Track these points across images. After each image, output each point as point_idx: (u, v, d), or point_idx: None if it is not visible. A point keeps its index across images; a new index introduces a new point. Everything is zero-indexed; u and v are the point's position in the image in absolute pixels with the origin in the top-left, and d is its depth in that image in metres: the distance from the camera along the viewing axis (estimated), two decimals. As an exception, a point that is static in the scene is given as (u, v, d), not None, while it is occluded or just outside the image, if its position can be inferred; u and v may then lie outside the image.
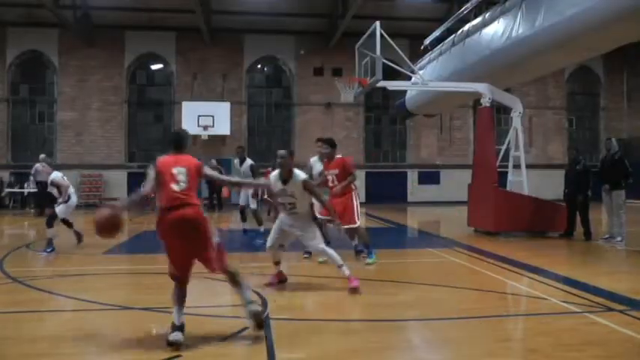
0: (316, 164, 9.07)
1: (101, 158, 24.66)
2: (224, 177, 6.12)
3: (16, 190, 23.93)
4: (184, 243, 4.52)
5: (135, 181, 23.77)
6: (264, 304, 5.63)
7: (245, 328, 4.68)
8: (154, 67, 26.01)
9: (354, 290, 6.21)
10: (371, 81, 12.51)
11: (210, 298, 6.49)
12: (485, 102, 12.63)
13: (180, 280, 4.68)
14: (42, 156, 12.76)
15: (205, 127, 23.78)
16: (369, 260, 8.28)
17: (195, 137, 23.54)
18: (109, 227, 4.41)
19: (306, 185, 6.36)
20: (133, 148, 25.73)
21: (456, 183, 22.10)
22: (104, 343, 4.67)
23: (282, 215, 6.68)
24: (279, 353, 4.18)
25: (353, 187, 8.39)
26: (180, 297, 4.64)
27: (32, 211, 20.45)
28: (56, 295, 6.43)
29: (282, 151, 6.38)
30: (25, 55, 25.29)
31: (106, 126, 25.08)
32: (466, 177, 14.13)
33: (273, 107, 26.79)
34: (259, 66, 26.74)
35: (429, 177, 26.92)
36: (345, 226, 8.06)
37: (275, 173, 6.54)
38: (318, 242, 6.60)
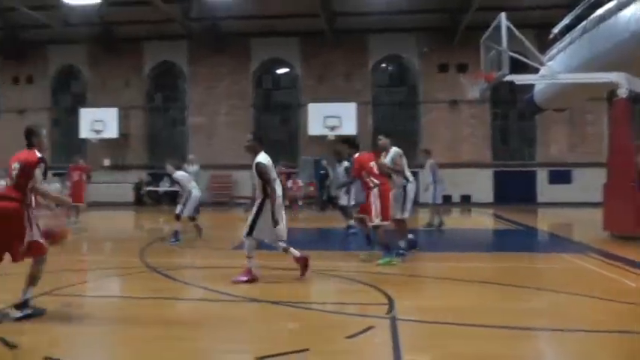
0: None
1: (230, 159, 25.86)
2: None
3: (152, 188, 26.10)
4: None
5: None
6: (391, 304, 5.57)
7: (371, 327, 4.68)
8: (280, 71, 26.86)
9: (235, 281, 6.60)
10: (497, 75, 12.06)
11: (336, 295, 6.58)
12: (622, 93, 11.60)
13: None
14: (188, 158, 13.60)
15: (332, 128, 24.15)
16: (380, 261, 7.96)
17: (322, 138, 24.07)
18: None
19: None
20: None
21: (589, 182, 20.71)
22: (232, 332, 4.89)
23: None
24: (405, 354, 4.11)
25: (371, 184, 8.22)
26: None
27: (167, 207, 21.97)
28: (189, 285, 6.87)
29: None
30: (158, 67, 27.46)
31: (233, 129, 26.30)
32: (601, 176, 13.21)
33: (398, 106, 26.66)
34: (384, 65, 26.73)
35: (560, 176, 25.39)
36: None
37: None
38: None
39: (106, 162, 26.91)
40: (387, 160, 8.84)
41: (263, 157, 7.03)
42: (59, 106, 28.90)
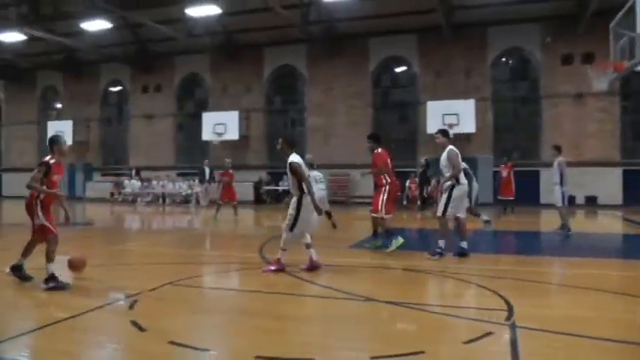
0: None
1: (347, 159, 26.04)
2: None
3: (271, 187, 27.07)
4: None
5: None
6: (510, 310, 5.33)
7: (489, 333, 4.53)
8: (398, 69, 26.68)
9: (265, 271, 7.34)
10: (629, 64, 11.18)
11: (454, 298, 6.45)
12: None
13: None
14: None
15: (450, 126, 23.55)
16: (387, 250, 8.99)
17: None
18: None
19: None
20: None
21: None
22: (347, 330, 4.92)
23: None
24: (525, 363, 3.94)
25: (384, 181, 9.36)
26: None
27: (285, 206, 22.57)
28: (305, 281, 6.98)
29: None
30: (278, 71, 28.32)
31: (352, 129, 26.49)
32: None
33: (519, 101, 25.44)
34: (504, 59, 25.64)
35: None
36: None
37: None
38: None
39: (228, 162, 28.09)
40: (442, 158, 8.80)
41: (295, 157, 7.61)
42: (183, 111, 30.68)
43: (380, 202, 9.39)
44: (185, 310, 5.58)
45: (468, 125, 23.55)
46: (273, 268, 7.45)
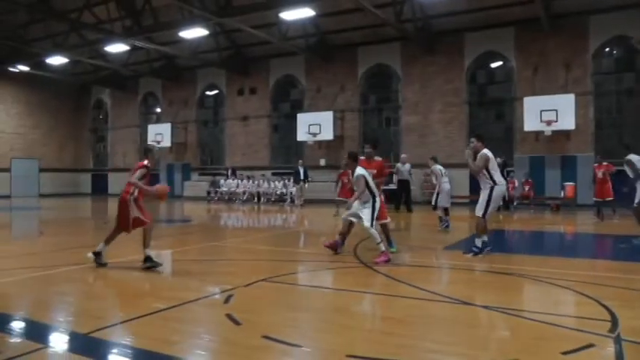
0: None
1: (444, 157, 25.54)
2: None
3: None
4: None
5: (476, 179, 24.07)
6: (614, 321, 5.02)
7: (591, 345, 4.31)
8: (494, 65, 25.89)
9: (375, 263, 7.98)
10: None
11: (553, 306, 6.13)
12: None
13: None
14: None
15: (549, 123, 22.59)
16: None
17: (538, 134, 22.76)
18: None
19: None
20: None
21: None
22: (440, 333, 4.89)
23: None
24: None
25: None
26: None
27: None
28: (399, 282, 6.95)
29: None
30: (371, 70, 28.26)
31: (447, 127, 26.01)
32: None
33: (624, 95, 23.69)
34: (607, 49, 23.94)
35: None
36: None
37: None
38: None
39: (322, 162, 28.51)
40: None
41: (360, 170, 8.78)
42: (278, 112, 31.33)
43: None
44: (279, 306, 5.73)
45: (567, 122, 22.41)
46: (384, 259, 8.22)
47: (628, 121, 23.16)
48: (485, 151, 9.12)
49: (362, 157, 9.66)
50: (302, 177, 24.50)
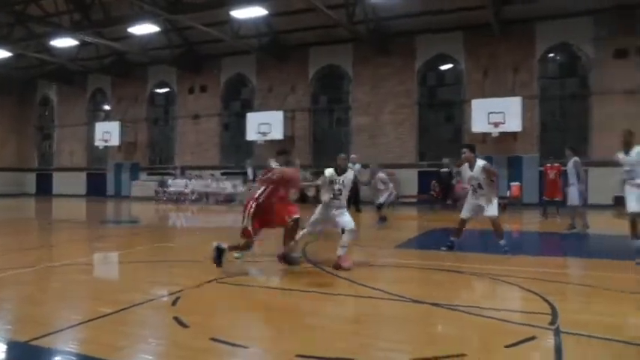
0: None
1: (393, 158, 25.85)
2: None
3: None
4: None
5: (425, 179, 24.58)
6: (555, 314, 5.23)
7: (533, 338, 4.46)
8: (444, 67, 26.38)
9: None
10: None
11: (498, 301, 6.34)
12: None
13: None
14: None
15: (496, 124, 23.19)
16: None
17: (486, 135, 23.30)
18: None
19: None
20: (424, 147, 26.41)
21: None
22: (391, 331, 4.95)
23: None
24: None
25: None
26: None
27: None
28: (350, 282, 6.97)
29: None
30: (323, 70, 28.37)
31: (398, 128, 26.34)
32: None
33: (567, 99, 24.63)
34: (552, 55, 24.83)
35: None
36: None
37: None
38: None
39: (272, 162, 28.33)
40: (474, 172, 9.25)
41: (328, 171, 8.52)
42: (229, 111, 31.08)
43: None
44: (228, 308, 5.68)
45: (514, 124, 23.06)
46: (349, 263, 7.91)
47: (571, 125, 24.05)
48: (480, 162, 9.28)
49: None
50: (251, 177, 24.33)
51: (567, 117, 24.29)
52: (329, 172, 8.37)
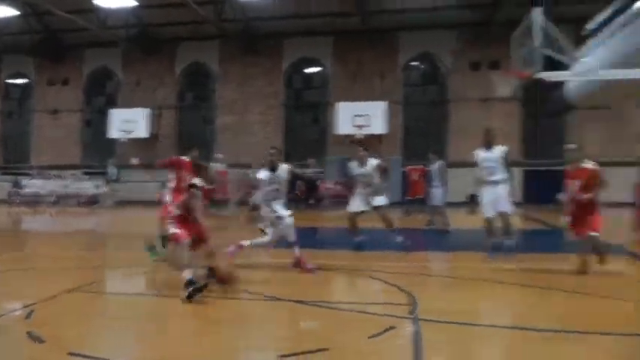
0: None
1: (259, 159, 25.80)
2: None
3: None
4: None
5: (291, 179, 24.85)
6: (414, 304, 5.52)
7: (393, 327, 4.66)
8: (311, 70, 26.91)
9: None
10: (529, 73, 11.79)
11: (360, 295, 6.59)
12: (663, 90, 11.30)
13: None
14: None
15: (360, 127, 24.08)
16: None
17: (350, 137, 24.08)
18: None
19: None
20: (290, 148, 26.73)
21: (623, 182, 19.88)
22: (255, 330, 4.93)
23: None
24: (427, 355, 4.09)
25: None
26: None
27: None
28: (215, 283, 6.87)
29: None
30: (190, 67, 27.87)
31: (266, 128, 26.49)
32: (635, 176, 12.81)
33: (429, 105, 26.35)
34: (415, 63, 26.46)
35: (592, 175, 24.61)
36: None
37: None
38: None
39: (135, 161, 27.31)
40: (366, 170, 9.63)
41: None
42: (92, 106, 29.55)
43: None
44: (88, 318, 5.34)
45: (378, 127, 24.09)
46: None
47: (432, 129, 25.75)
48: (374, 160, 9.57)
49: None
50: (114, 177, 23.27)
51: (428, 122, 25.93)
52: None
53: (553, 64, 12.95)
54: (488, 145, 9.28)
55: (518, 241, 9.27)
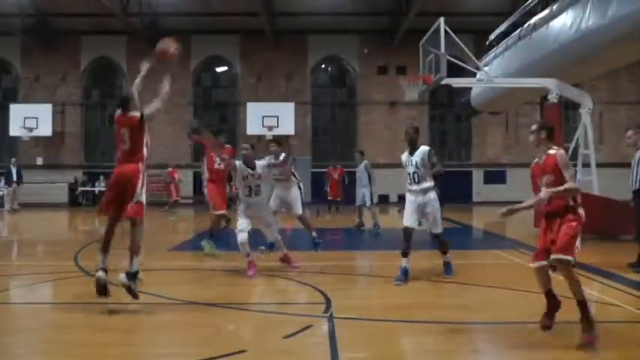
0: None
1: (167, 158, 25.26)
2: None
3: (88, 188, 25.46)
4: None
5: (201, 180, 24.43)
6: (328, 303, 5.60)
7: (309, 326, 4.71)
8: (219, 69, 26.60)
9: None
10: (435, 78, 12.32)
11: (274, 296, 6.61)
12: (553, 98, 12.12)
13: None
14: None
15: (270, 128, 24.08)
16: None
17: (260, 137, 23.98)
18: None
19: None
20: (200, 148, 26.19)
21: (522, 182, 21.18)
22: (169, 336, 4.86)
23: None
24: (343, 352, 4.15)
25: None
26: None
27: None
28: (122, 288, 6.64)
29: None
30: (96, 62, 26.72)
31: (173, 126, 25.82)
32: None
33: (337, 107, 26.86)
34: (323, 66, 26.87)
35: (495, 176, 26.20)
36: None
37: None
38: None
39: (39, 160, 25.97)
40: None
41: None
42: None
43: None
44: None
45: (287, 127, 24.20)
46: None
47: (340, 130, 26.29)
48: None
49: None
50: (15, 178, 21.90)
51: (337, 123, 26.45)
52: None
53: (459, 71, 13.70)
54: (411, 146, 9.18)
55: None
